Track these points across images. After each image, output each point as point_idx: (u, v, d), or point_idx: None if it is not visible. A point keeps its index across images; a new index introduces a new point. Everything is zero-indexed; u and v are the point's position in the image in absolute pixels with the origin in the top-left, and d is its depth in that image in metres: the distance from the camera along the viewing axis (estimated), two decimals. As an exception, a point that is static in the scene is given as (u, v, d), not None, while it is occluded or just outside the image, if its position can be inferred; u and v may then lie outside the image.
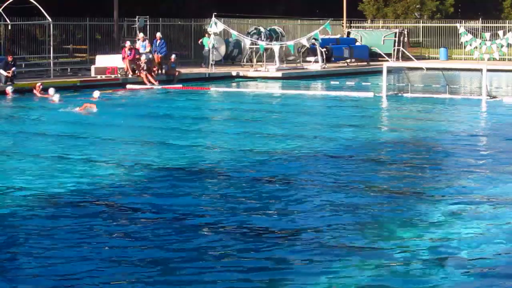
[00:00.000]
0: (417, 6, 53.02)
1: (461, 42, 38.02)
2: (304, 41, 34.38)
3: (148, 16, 34.79)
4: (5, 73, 25.15)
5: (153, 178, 11.38)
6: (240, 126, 17.46)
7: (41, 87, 24.19)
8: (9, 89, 24.25)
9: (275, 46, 33.80)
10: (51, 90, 23.31)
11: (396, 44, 40.99)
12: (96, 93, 23.49)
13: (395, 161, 12.80)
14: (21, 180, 11.09)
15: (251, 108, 21.71)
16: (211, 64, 32.91)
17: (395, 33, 41.58)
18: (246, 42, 34.08)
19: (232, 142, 14.89)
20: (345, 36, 43.41)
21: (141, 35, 31.36)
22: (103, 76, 28.52)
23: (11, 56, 25.94)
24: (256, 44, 34.25)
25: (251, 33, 38.95)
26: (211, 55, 33.16)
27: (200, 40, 35.82)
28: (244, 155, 13.33)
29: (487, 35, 35.82)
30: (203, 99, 25.07)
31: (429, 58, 45.79)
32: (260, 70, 33.55)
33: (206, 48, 34.40)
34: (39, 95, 23.85)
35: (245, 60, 36.79)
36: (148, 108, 21.76)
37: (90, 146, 14.35)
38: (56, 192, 10.29)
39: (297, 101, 23.89)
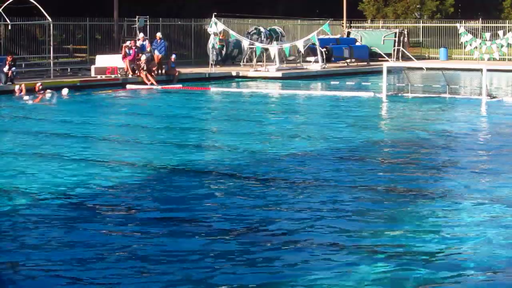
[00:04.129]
0: (417, 6, 53.02)
1: (461, 42, 38.02)
2: (300, 45, 34.39)
3: (148, 16, 34.79)
4: (5, 70, 25.26)
5: (151, 178, 11.38)
6: (239, 126, 17.46)
7: (40, 87, 24.48)
8: (17, 88, 24.44)
9: (272, 48, 33.75)
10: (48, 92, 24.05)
11: (396, 44, 40.99)
12: (65, 91, 24.84)
13: (395, 161, 12.79)
14: (15, 180, 11.11)
15: (251, 108, 21.71)
16: (211, 64, 32.92)
17: (395, 33, 41.58)
18: (245, 43, 34.08)
19: (231, 142, 14.88)
20: (345, 36, 43.41)
21: (141, 35, 31.36)
22: (103, 76, 28.52)
23: (11, 56, 26.03)
24: (253, 45, 34.26)
25: (251, 33, 38.95)
26: (210, 55, 33.19)
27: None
28: (243, 155, 13.33)
29: (487, 35, 35.81)
30: (203, 99, 25.06)
31: (429, 58, 45.78)
32: (260, 70, 33.54)
33: (217, 47, 35.88)
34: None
35: (245, 60, 36.78)
36: (140, 108, 21.78)
37: (85, 146, 14.36)
38: (57, 192, 10.29)
39: (297, 101, 23.90)
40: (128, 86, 27.70)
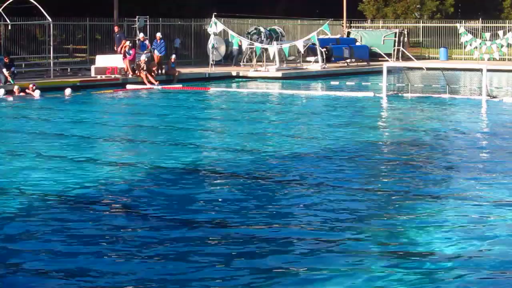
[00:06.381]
0: (417, 6, 53.03)
1: (461, 42, 38.05)
2: (300, 45, 34.43)
3: (148, 16, 34.79)
4: (5, 73, 25.29)
5: (151, 178, 11.38)
6: (239, 126, 17.46)
7: (33, 87, 24.64)
8: (16, 88, 24.50)
9: (271, 48, 33.75)
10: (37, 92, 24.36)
11: (396, 44, 41.00)
12: (68, 91, 25.20)
13: (394, 161, 12.79)
14: (20, 180, 11.12)
15: (250, 108, 21.71)
16: (211, 64, 32.93)
17: (395, 33, 41.61)
18: (244, 43, 34.11)
19: (231, 142, 14.89)
20: (345, 36, 43.42)
21: (141, 35, 31.37)
22: (103, 76, 28.53)
23: (7, 57, 26.10)
24: (253, 45, 34.27)
25: (251, 33, 38.96)
26: (211, 54, 33.22)
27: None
28: (243, 155, 13.33)
29: (487, 35, 35.83)
30: (203, 99, 25.07)
31: (429, 58, 45.81)
32: (260, 70, 33.55)
33: (235, 47, 37.04)
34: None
35: (244, 60, 36.80)
36: (138, 108, 21.79)
37: (84, 146, 14.37)
38: (57, 193, 10.29)
39: (297, 101, 23.90)
40: (128, 86, 27.70)
